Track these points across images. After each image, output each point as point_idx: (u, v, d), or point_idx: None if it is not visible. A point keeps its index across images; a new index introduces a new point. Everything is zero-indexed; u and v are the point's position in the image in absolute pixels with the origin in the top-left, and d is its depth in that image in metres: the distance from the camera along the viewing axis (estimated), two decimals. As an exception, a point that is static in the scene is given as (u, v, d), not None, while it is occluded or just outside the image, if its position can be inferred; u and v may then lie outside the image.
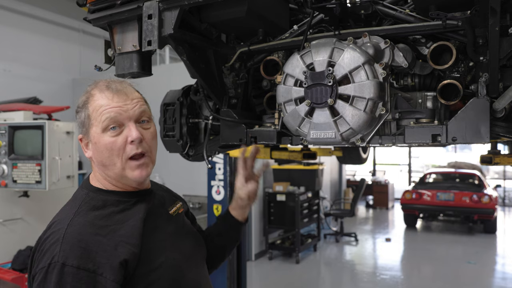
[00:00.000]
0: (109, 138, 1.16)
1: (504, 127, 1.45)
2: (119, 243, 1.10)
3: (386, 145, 1.52)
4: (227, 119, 1.75)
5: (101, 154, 1.17)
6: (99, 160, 1.19)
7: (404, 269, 7.15)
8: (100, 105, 1.17)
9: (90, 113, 1.18)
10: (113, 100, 1.17)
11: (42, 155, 3.49)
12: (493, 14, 1.11)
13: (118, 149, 1.16)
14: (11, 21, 7.06)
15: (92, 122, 1.17)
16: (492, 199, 9.00)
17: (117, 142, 1.16)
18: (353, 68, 1.35)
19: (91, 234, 1.08)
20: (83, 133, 1.21)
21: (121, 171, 1.18)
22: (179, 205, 1.40)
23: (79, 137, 1.23)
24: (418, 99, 1.56)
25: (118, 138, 1.16)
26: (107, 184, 1.22)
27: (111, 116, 1.16)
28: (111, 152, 1.16)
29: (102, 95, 1.18)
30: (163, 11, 1.47)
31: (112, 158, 1.17)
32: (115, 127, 1.16)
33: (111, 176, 1.20)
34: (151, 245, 1.17)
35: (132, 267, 1.09)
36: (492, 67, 1.27)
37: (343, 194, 12.09)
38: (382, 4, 1.51)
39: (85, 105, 1.19)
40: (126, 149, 1.17)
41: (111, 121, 1.16)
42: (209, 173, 4.84)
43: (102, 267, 1.04)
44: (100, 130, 1.16)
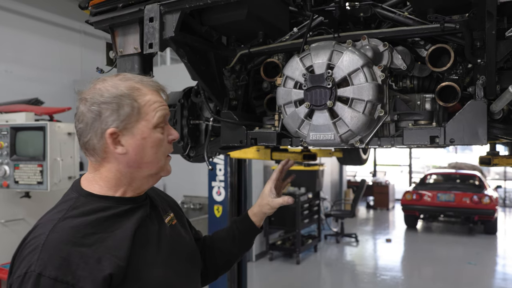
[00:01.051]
0: (159, 135, 1.14)
1: (501, 128, 1.47)
2: (104, 256, 1.01)
3: (385, 146, 1.53)
4: (228, 120, 1.76)
5: (146, 150, 1.12)
6: (140, 157, 1.12)
7: (405, 270, 7.16)
8: (154, 100, 1.14)
9: (140, 106, 1.11)
10: (161, 97, 1.17)
11: (43, 156, 3.51)
12: (489, 18, 1.13)
13: (165, 146, 1.17)
14: (13, 22, 7.09)
15: (142, 117, 1.11)
16: (492, 200, 9.01)
17: (164, 140, 1.16)
18: (352, 71, 1.36)
19: (74, 243, 0.98)
20: (121, 126, 1.08)
21: (161, 167, 1.17)
22: (172, 216, 1.31)
23: (110, 131, 1.08)
24: (417, 101, 1.57)
25: (164, 136, 1.17)
26: (112, 187, 1.14)
27: (164, 113, 1.15)
28: (159, 148, 1.14)
29: (151, 91, 1.15)
30: (164, 14, 1.48)
31: (158, 155, 1.14)
32: (162, 126, 1.16)
33: (141, 176, 1.15)
34: (140, 260, 1.09)
35: (117, 282, 1.01)
36: (489, 69, 1.29)
37: (344, 195, 12.11)
38: (381, 7, 1.52)
39: (132, 97, 1.10)
40: (167, 148, 1.18)
41: (163, 119, 1.15)
42: (210, 174, 4.86)
43: (83, 281, 0.96)
44: (152, 125, 1.12)
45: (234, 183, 4.39)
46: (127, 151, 1.10)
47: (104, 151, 1.11)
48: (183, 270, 1.24)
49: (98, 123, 1.08)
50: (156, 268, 1.12)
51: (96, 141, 1.10)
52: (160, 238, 1.19)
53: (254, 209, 1.55)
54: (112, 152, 1.10)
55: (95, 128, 1.09)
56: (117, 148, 1.10)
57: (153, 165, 1.15)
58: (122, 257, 1.04)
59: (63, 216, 1.04)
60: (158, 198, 1.33)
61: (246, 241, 1.54)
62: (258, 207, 1.54)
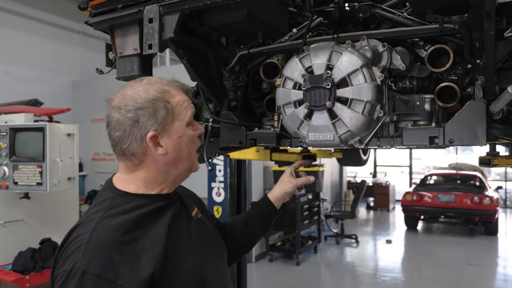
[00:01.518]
0: (192, 132, 1.22)
1: (501, 129, 1.47)
2: (142, 253, 1.07)
3: (384, 147, 1.53)
4: (227, 121, 1.76)
5: (183, 148, 1.19)
6: (178, 155, 1.18)
7: (405, 271, 7.15)
8: (183, 100, 1.20)
9: (173, 107, 1.16)
10: (187, 97, 1.24)
11: (43, 157, 3.51)
12: (488, 19, 1.13)
13: (196, 144, 1.24)
14: (12, 23, 7.09)
15: (175, 117, 1.17)
16: (493, 200, 9.01)
17: (196, 136, 1.24)
18: (351, 71, 1.36)
19: (114, 241, 1.05)
20: (160, 129, 1.14)
21: (192, 164, 1.24)
22: (197, 210, 1.37)
23: (150, 134, 1.13)
24: (416, 102, 1.57)
25: (196, 133, 1.24)
26: (149, 185, 1.19)
27: (193, 110, 1.23)
28: (192, 144, 1.22)
29: (177, 91, 1.21)
30: (164, 15, 1.48)
31: (192, 150, 1.23)
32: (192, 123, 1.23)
33: (177, 173, 1.21)
34: (176, 253, 1.15)
35: (158, 278, 1.07)
36: (488, 70, 1.29)
37: (344, 196, 12.11)
38: (380, 7, 1.52)
39: (164, 99, 1.15)
40: (197, 143, 1.25)
41: (193, 116, 1.23)
42: (209, 175, 4.86)
43: (124, 278, 1.02)
44: (185, 124, 1.19)
45: (233, 184, 4.39)
46: (167, 151, 1.16)
47: (143, 154, 1.16)
48: (213, 260, 1.31)
49: (136, 129, 1.13)
50: (190, 260, 1.19)
51: (136, 146, 1.14)
52: (190, 232, 1.26)
53: (275, 192, 1.68)
54: (152, 154, 1.16)
55: (134, 134, 1.13)
56: (158, 150, 1.15)
57: (188, 161, 1.23)
58: (160, 253, 1.09)
59: (104, 215, 1.10)
60: (182, 194, 1.38)
61: (267, 222, 1.66)
62: (280, 188, 1.67)
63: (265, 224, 1.66)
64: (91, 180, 7.81)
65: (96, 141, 7.73)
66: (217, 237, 1.43)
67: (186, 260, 1.17)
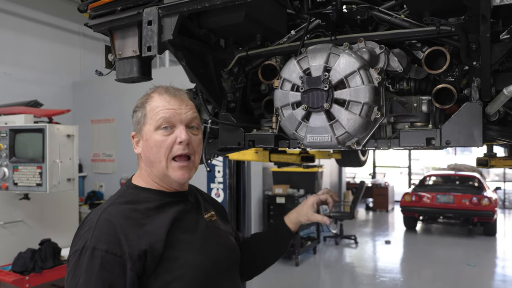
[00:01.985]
0: (160, 136, 1.27)
1: (497, 130, 1.47)
2: (142, 236, 1.18)
3: (382, 148, 1.54)
4: (226, 122, 1.77)
5: (150, 151, 1.28)
6: (147, 156, 1.30)
7: (404, 272, 7.16)
8: (157, 105, 1.29)
9: (147, 112, 1.29)
10: (170, 102, 1.30)
11: (42, 158, 3.52)
12: (484, 21, 1.14)
13: (166, 148, 1.27)
14: (12, 25, 7.10)
15: (146, 121, 1.29)
16: (492, 201, 9.02)
17: (167, 141, 1.27)
18: (348, 73, 1.37)
19: (119, 223, 1.18)
20: (137, 130, 1.33)
21: (165, 170, 1.28)
22: (213, 213, 1.46)
23: (132, 134, 1.34)
24: (414, 103, 1.58)
25: (168, 138, 1.27)
26: (150, 181, 1.33)
27: (165, 116, 1.27)
28: (159, 149, 1.27)
29: (160, 97, 1.31)
30: (163, 17, 1.49)
31: (159, 155, 1.27)
32: (167, 127, 1.28)
33: (155, 174, 1.31)
34: (178, 245, 1.23)
35: (153, 261, 1.17)
36: (484, 72, 1.30)
37: (343, 197, 12.11)
38: (378, 9, 1.53)
39: (143, 105, 1.31)
40: (173, 149, 1.28)
41: (164, 121, 1.27)
42: (209, 176, 4.87)
43: (125, 255, 1.14)
44: (153, 128, 1.28)
45: (233, 185, 4.40)
46: (140, 151, 1.32)
47: (136, 153, 1.34)
48: (219, 260, 1.34)
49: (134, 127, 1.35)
50: (191, 253, 1.25)
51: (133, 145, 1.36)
52: (197, 229, 1.33)
53: (291, 216, 1.66)
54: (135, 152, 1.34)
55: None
56: (136, 148, 1.33)
57: (160, 166, 1.28)
58: (159, 240, 1.20)
59: (112, 203, 1.26)
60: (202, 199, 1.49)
61: (281, 244, 1.66)
62: (296, 215, 1.65)
63: (279, 247, 1.66)
64: (90, 181, 7.81)
65: (96, 142, 7.73)
66: (229, 242, 1.45)
67: (187, 253, 1.24)
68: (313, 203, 1.63)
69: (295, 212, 1.67)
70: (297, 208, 1.67)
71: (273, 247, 1.65)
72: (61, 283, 4.12)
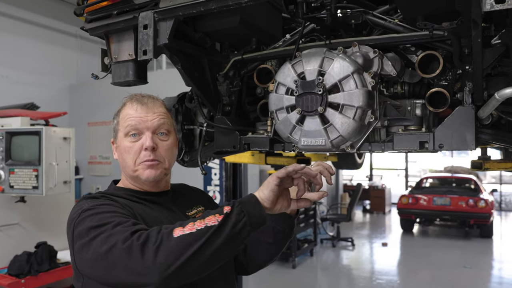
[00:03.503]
0: (128, 143, 1.33)
1: (490, 134, 1.49)
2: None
3: (376, 151, 1.55)
4: (221, 126, 1.78)
5: (121, 156, 1.35)
6: (120, 161, 1.37)
7: (401, 274, 7.17)
8: (127, 113, 1.34)
9: (119, 120, 1.36)
10: (137, 110, 1.34)
11: (39, 161, 3.51)
12: (475, 26, 1.15)
13: (134, 153, 1.32)
14: (9, 27, 7.09)
15: (119, 128, 1.36)
16: (488, 203, 9.04)
17: (134, 147, 1.32)
18: (342, 77, 1.38)
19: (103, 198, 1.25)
20: (114, 137, 1.39)
21: (134, 173, 1.33)
22: (199, 210, 1.46)
23: (111, 141, 1.41)
24: (407, 107, 1.59)
25: (135, 144, 1.32)
26: (128, 183, 1.39)
27: (132, 124, 1.32)
28: (127, 155, 1.33)
29: (131, 105, 1.36)
30: (158, 21, 1.50)
31: (127, 160, 1.33)
32: (135, 134, 1.32)
33: (129, 176, 1.37)
34: None
35: None
36: (476, 76, 1.31)
37: (340, 199, 12.13)
38: (372, 14, 1.54)
39: (118, 113, 1.38)
40: (140, 155, 1.32)
41: (131, 128, 1.32)
42: (205, 179, 4.87)
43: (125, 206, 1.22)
44: (123, 135, 1.34)
45: (229, 187, 4.40)
46: (117, 156, 1.39)
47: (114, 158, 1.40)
48: None
49: None
50: None
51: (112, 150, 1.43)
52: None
53: None
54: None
55: None
56: (114, 154, 1.40)
57: (128, 169, 1.34)
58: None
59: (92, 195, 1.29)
60: (192, 195, 1.52)
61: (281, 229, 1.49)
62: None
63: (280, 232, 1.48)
64: (87, 184, 7.80)
65: (93, 144, 7.72)
66: None
67: None
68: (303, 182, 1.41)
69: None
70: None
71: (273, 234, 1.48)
72: (57, 286, 4.11)
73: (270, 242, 1.50)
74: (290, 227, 1.48)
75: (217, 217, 1.06)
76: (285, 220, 1.47)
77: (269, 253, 1.54)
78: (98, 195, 1.29)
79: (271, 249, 1.53)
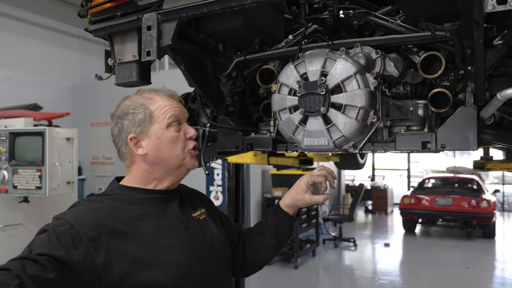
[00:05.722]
0: (174, 132, 1.31)
1: (492, 134, 1.49)
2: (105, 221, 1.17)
3: (378, 151, 1.56)
4: (224, 126, 1.79)
5: (164, 147, 1.30)
6: (160, 153, 1.29)
7: (403, 274, 7.17)
8: (164, 104, 1.31)
9: (152, 111, 1.30)
10: (173, 102, 1.34)
11: (42, 161, 3.53)
12: (477, 27, 1.16)
13: (182, 142, 1.32)
14: (12, 28, 7.12)
15: (154, 120, 1.30)
16: (490, 204, 9.03)
17: (181, 136, 1.32)
18: (345, 78, 1.39)
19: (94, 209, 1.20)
20: (138, 131, 1.30)
21: (181, 161, 1.32)
22: (202, 211, 1.44)
23: (130, 136, 1.29)
24: (410, 107, 1.60)
25: (180, 133, 1.33)
26: (138, 182, 1.32)
27: (175, 114, 1.32)
28: (175, 144, 1.31)
29: (163, 97, 1.33)
30: (162, 22, 1.51)
31: (175, 150, 1.31)
32: (177, 124, 1.32)
33: (163, 170, 1.32)
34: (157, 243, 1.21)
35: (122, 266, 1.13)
36: (478, 77, 1.32)
37: (342, 199, 12.13)
38: (374, 15, 1.55)
39: (143, 106, 1.30)
40: (188, 144, 1.34)
41: (175, 118, 1.32)
42: (208, 179, 4.88)
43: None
44: (165, 126, 1.30)
45: (231, 187, 4.41)
46: (147, 151, 1.29)
47: (131, 155, 1.32)
48: (205, 260, 1.31)
49: (123, 134, 1.31)
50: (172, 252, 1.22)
51: (124, 148, 1.32)
52: (181, 228, 1.30)
53: (286, 201, 1.51)
54: (136, 154, 1.30)
55: (121, 138, 1.32)
56: (138, 150, 1.30)
57: (173, 160, 1.31)
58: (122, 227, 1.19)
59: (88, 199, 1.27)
60: (193, 197, 1.49)
61: (283, 231, 1.52)
62: (292, 200, 1.49)
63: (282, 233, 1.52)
64: (90, 184, 7.82)
65: (95, 145, 7.74)
66: (219, 242, 1.42)
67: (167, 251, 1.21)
68: (307, 186, 1.46)
69: (289, 196, 1.49)
70: (291, 192, 1.49)
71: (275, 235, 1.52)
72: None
73: (271, 244, 1.54)
74: (291, 228, 1.54)
75: None
76: (288, 222, 1.52)
77: (270, 254, 1.59)
78: (100, 198, 1.27)
79: (272, 250, 1.57)
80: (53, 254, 1.06)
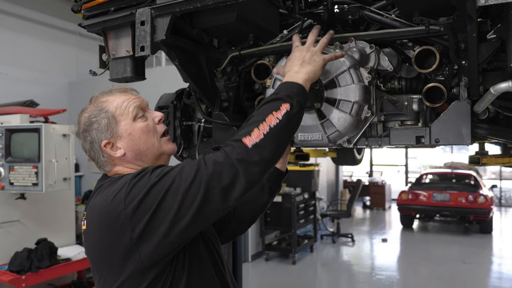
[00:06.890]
0: (142, 123, 1.31)
1: (487, 129, 1.50)
2: None
3: (372, 146, 1.56)
4: (219, 121, 1.79)
5: (139, 141, 1.30)
6: (137, 148, 1.29)
7: (400, 269, 7.19)
8: (122, 101, 1.31)
9: (113, 112, 1.29)
10: (129, 95, 1.34)
11: (38, 158, 3.53)
12: (470, 21, 1.16)
13: (152, 130, 1.32)
14: (8, 24, 7.08)
15: (119, 119, 1.29)
16: (487, 199, 9.05)
17: (149, 125, 1.32)
18: (339, 73, 1.39)
19: None
20: (109, 136, 1.28)
21: (159, 148, 1.33)
22: None
23: (103, 144, 1.28)
24: (404, 102, 1.60)
25: (148, 122, 1.32)
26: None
27: (136, 104, 1.31)
28: (147, 134, 1.31)
29: (117, 95, 1.33)
30: (155, 17, 1.50)
31: (149, 139, 1.31)
32: (142, 114, 1.32)
33: (152, 157, 1.32)
34: None
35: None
36: (472, 71, 1.32)
37: (340, 195, 12.15)
38: (369, 9, 1.54)
39: (103, 111, 1.30)
40: (157, 129, 1.33)
41: (138, 109, 1.31)
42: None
43: None
44: (131, 120, 1.30)
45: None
46: (125, 151, 1.29)
47: (112, 160, 1.31)
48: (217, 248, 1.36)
49: (95, 144, 1.30)
50: None
51: (102, 157, 1.31)
52: None
53: None
54: (116, 157, 1.29)
55: (95, 149, 1.30)
56: (116, 153, 1.29)
57: (151, 149, 1.32)
58: None
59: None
60: None
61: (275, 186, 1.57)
62: None
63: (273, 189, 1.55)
64: (87, 181, 7.81)
65: (92, 141, 7.73)
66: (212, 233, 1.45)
67: None
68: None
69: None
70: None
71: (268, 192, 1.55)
72: (57, 282, 4.13)
73: (266, 200, 1.57)
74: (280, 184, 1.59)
75: (276, 115, 1.11)
76: (280, 178, 1.57)
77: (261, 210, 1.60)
78: None
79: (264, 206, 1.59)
80: None
